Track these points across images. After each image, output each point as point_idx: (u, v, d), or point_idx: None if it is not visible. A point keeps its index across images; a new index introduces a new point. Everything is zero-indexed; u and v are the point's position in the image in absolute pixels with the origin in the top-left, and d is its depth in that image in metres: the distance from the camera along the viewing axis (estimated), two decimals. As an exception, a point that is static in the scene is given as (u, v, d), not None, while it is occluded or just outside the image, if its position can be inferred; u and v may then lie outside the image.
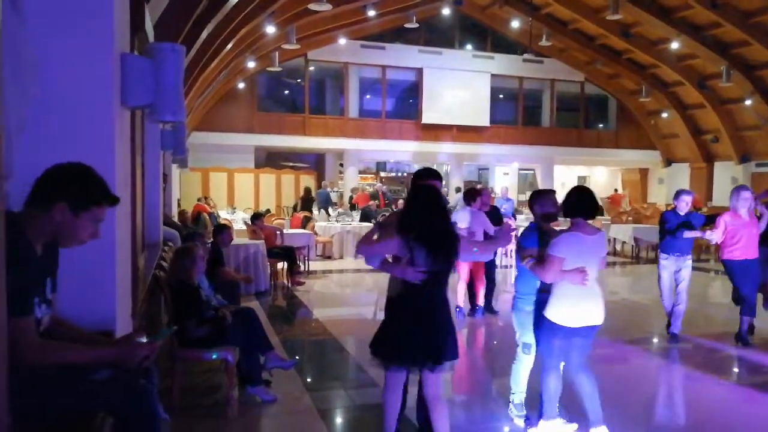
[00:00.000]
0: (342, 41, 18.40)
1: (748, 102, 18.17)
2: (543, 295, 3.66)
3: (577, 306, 3.50)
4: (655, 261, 6.85)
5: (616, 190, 23.30)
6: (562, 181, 22.96)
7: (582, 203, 3.55)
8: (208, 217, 12.14)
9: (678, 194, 6.23)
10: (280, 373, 4.66)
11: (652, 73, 20.46)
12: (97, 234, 2.03)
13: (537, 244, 3.69)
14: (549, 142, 22.06)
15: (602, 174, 26.17)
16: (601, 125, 24.23)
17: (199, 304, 4.31)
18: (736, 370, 5.72)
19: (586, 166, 25.02)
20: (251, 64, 16.17)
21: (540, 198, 3.92)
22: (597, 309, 3.56)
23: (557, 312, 3.52)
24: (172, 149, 7.28)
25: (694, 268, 6.54)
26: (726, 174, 20.37)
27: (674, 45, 17.20)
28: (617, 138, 23.27)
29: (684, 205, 6.10)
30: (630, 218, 15.69)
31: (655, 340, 6.65)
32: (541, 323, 3.64)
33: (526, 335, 3.91)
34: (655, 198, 23.42)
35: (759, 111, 18.09)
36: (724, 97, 19.19)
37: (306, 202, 15.95)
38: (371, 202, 13.91)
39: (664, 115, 21.57)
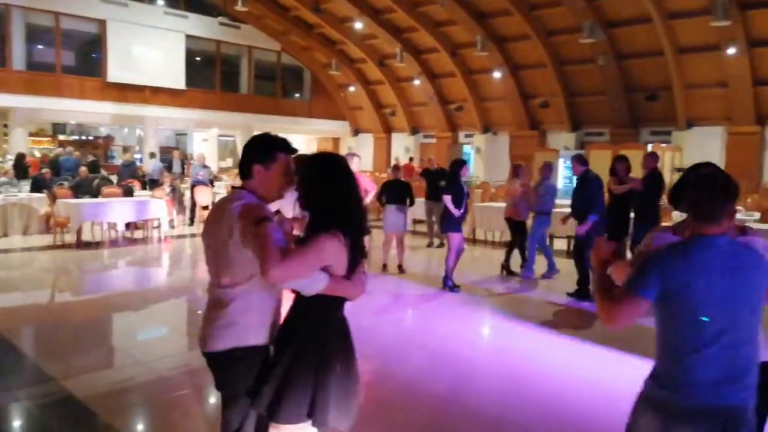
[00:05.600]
0: (-2, -23, 15.38)
1: (416, 81, 21.00)
2: None
3: None
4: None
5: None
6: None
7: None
8: None
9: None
10: None
11: (340, 49, 22.08)
12: None
13: None
14: (248, 109, 22.19)
15: (300, 143, 27.46)
16: (297, 95, 25.30)
17: None
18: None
19: (284, 134, 25.88)
20: None
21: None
22: None
23: None
24: None
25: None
26: (401, 144, 23.44)
27: (358, 25, 18.83)
28: (311, 108, 24.62)
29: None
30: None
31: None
32: None
33: None
34: (345, 165, 25.56)
35: (425, 90, 21.07)
36: (399, 75, 21.81)
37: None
38: (44, 170, 12.10)
39: (352, 89, 23.57)
